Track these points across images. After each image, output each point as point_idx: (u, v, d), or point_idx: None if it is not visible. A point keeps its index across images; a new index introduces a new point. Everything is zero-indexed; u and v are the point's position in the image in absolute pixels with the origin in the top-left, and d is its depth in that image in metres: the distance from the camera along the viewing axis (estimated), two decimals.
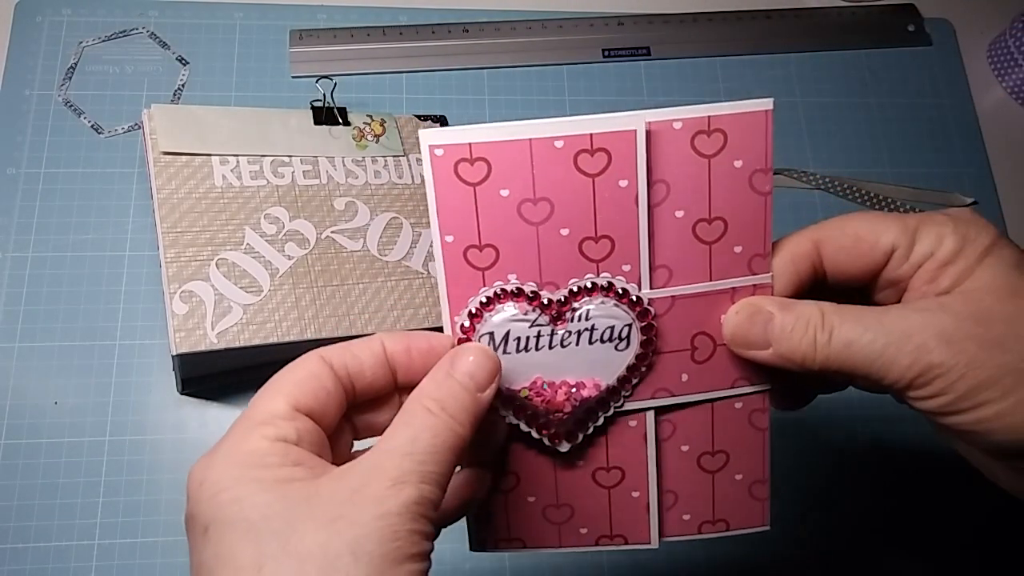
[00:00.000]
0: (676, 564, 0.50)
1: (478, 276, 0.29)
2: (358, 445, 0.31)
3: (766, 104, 0.28)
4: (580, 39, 0.64)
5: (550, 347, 0.29)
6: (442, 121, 0.58)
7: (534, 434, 0.30)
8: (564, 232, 0.29)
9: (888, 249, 0.29)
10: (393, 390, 0.30)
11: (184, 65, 0.59)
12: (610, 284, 0.29)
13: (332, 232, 0.52)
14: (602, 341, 0.30)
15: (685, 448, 0.32)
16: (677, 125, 0.28)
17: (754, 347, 0.30)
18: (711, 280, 0.30)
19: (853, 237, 0.30)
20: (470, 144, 0.28)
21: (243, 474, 0.24)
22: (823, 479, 0.53)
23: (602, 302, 0.29)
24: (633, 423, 0.31)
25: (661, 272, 0.30)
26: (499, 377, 0.28)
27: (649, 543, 0.33)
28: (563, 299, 0.29)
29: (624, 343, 0.30)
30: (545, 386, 0.30)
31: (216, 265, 0.48)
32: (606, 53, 0.64)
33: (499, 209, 0.28)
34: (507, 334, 0.29)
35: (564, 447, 0.31)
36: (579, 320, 0.29)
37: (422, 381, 0.28)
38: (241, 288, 0.48)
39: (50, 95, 0.57)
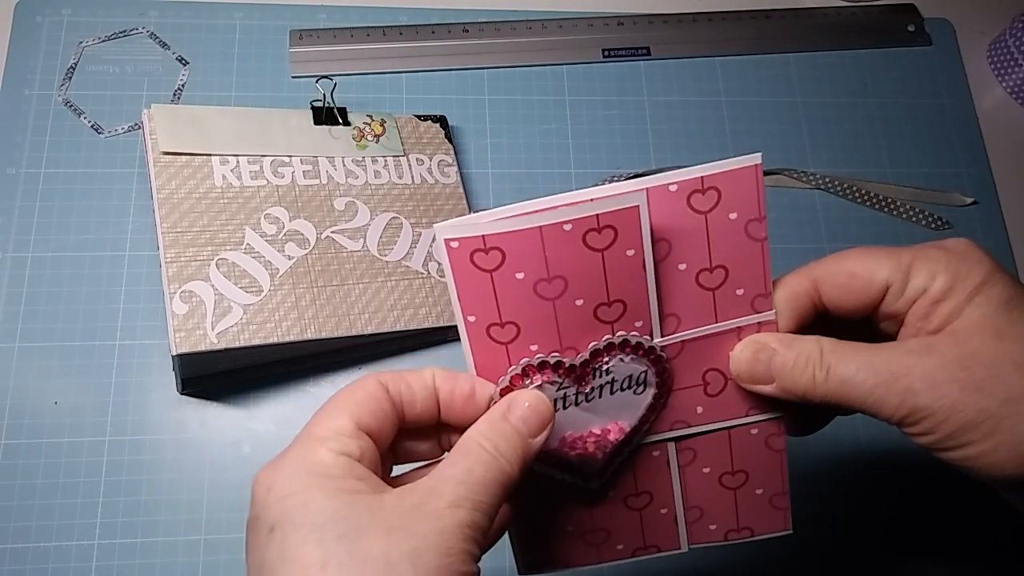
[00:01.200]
0: (675, 564, 0.50)
1: (502, 350, 0.30)
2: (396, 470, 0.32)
3: (755, 159, 0.30)
4: (580, 39, 0.64)
5: (576, 404, 0.31)
6: (442, 121, 0.58)
7: (568, 479, 0.32)
8: (579, 303, 0.30)
9: (883, 286, 0.30)
10: (436, 423, 0.31)
11: (184, 65, 0.59)
12: (624, 341, 0.31)
13: (332, 232, 0.52)
14: (623, 389, 0.31)
15: (706, 470, 0.34)
16: (673, 188, 0.30)
17: (759, 382, 0.32)
18: (716, 321, 0.32)
19: (848, 275, 0.31)
20: (483, 236, 0.29)
21: (311, 481, 0.26)
22: (827, 482, 0.53)
23: (620, 358, 0.31)
24: (656, 453, 0.33)
25: (671, 320, 0.32)
26: (552, 426, 0.30)
27: (679, 548, 0.35)
28: (584, 361, 0.31)
29: (642, 387, 0.32)
30: (576, 441, 0.32)
31: (216, 265, 0.48)
32: (606, 53, 0.64)
33: (516, 290, 0.30)
34: None
35: (595, 484, 0.33)
36: (599, 379, 0.31)
37: (479, 420, 0.29)
38: (241, 288, 0.48)
39: (50, 95, 0.57)
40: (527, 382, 0.30)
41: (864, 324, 0.32)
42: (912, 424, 0.29)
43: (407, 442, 0.31)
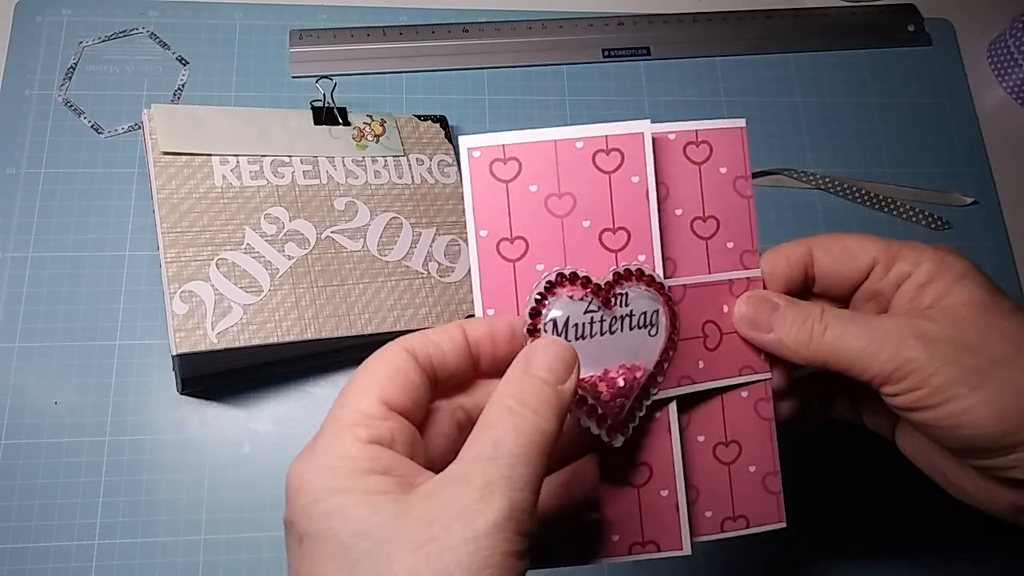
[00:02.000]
0: (674, 563, 0.50)
1: (509, 267, 0.31)
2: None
3: (740, 123, 0.34)
4: (580, 39, 0.64)
5: (601, 333, 0.31)
6: (442, 121, 0.58)
7: (594, 428, 0.31)
8: (586, 224, 0.32)
9: (870, 262, 0.33)
10: (474, 377, 0.30)
11: (184, 65, 0.59)
12: (640, 271, 0.32)
13: (332, 232, 0.52)
14: (639, 327, 0.31)
15: (701, 439, 0.34)
16: (672, 136, 0.34)
17: (758, 329, 0.33)
18: (710, 272, 0.34)
19: (842, 247, 0.34)
20: (504, 145, 0.31)
21: (335, 482, 0.24)
22: (818, 478, 0.53)
23: (638, 288, 0.32)
24: (658, 415, 0.33)
25: (669, 264, 0.33)
26: (578, 367, 0.28)
27: (681, 549, 0.33)
28: (608, 284, 0.31)
29: (655, 328, 0.32)
30: (606, 374, 0.31)
31: (216, 265, 0.48)
32: (606, 53, 0.64)
33: (529, 203, 0.31)
34: (567, 321, 0.30)
35: (619, 441, 0.32)
36: (622, 306, 0.31)
37: (500, 381, 0.27)
38: (241, 288, 0.48)
39: (50, 95, 0.57)
40: (558, 291, 0.30)
41: (844, 305, 0.35)
42: (899, 380, 0.30)
43: (454, 398, 0.30)
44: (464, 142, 0.31)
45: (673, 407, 0.33)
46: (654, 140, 0.33)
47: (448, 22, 0.63)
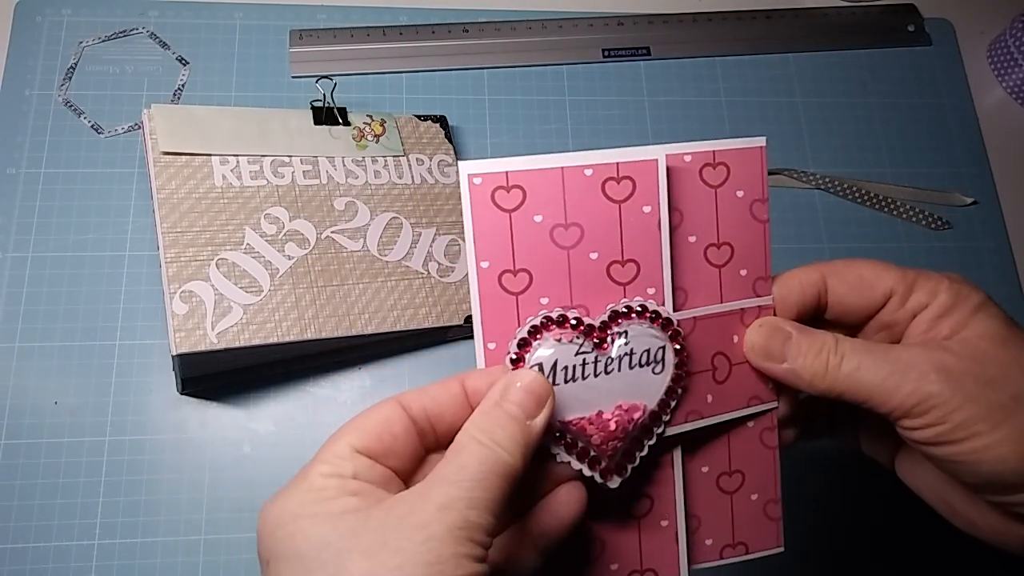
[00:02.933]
0: None
1: (511, 301, 0.30)
2: None
3: (760, 141, 0.32)
4: (580, 39, 0.64)
5: (595, 375, 0.30)
6: (442, 121, 0.58)
7: (586, 471, 0.30)
8: (593, 256, 0.30)
9: (887, 292, 0.32)
10: None
11: (184, 65, 0.59)
12: (643, 307, 0.31)
13: (332, 232, 0.52)
14: (640, 365, 0.30)
15: (705, 469, 0.34)
16: (687, 158, 0.31)
17: (771, 360, 0.32)
18: (722, 302, 0.32)
19: (857, 276, 0.33)
20: (507, 172, 0.29)
21: (301, 510, 0.25)
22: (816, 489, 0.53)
23: (638, 326, 0.30)
24: (663, 450, 0.32)
25: (679, 294, 0.32)
26: (551, 403, 0.29)
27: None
28: (603, 323, 0.30)
29: (660, 366, 0.31)
30: (596, 418, 0.30)
31: (216, 265, 0.48)
32: (606, 53, 0.64)
33: (533, 234, 0.30)
34: (555, 364, 0.29)
35: (615, 482, 0.31)
36: (619, 346, 0.30)
37: (473, 413, 0.28)
38: (241, 288, 0.48)
39: (50, 95, 0.57)
40: (538, 345, 0.29)
41: (855, 333, 0.34)
42: (920, 415, 0.29)
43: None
44: (464, 168, 0.29)
45: (678, 443, 0.33)
46: (669, 162, 0.31)
47: (448, 22, 0.63)
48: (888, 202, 0.61)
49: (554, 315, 0.30)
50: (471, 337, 0.54)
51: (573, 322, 0.30)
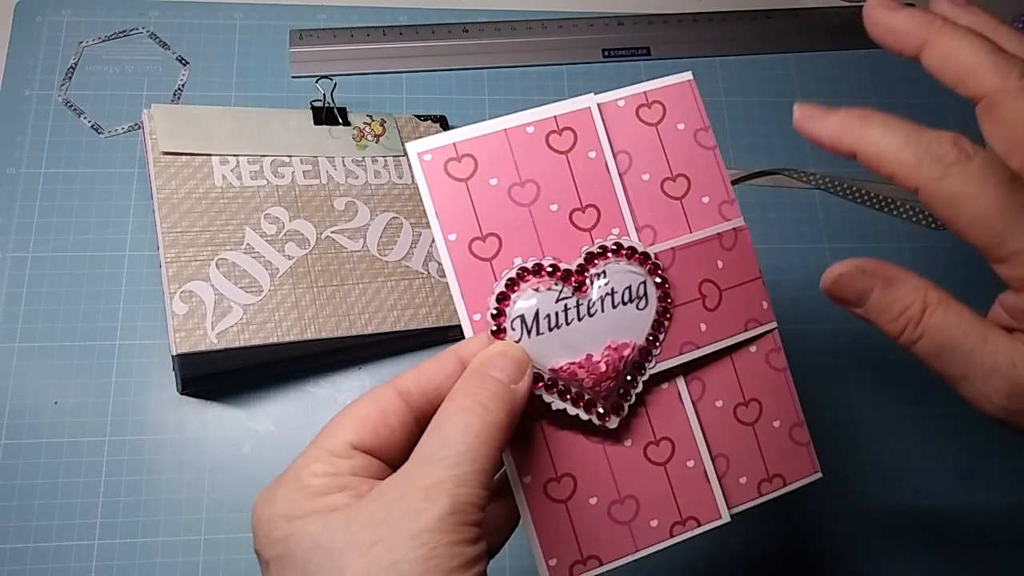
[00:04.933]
0: (676, 561, 0.50)
1: (486, 267, 0.30)
2: None
3: (687, 76, 0.34)
4: (580, 39, 0.64)
5: (579, 318, 0.30)
6: (442, 121, 0.58)
7: (583, 414, 0.30)
8: (554, 208, 0.31)
9: None
10: None
11: (184, 65, 0.59)
12: (618, 245, 0.31)
13: (332, 232, 0.52)
14: (624, 303, 0.31)
15: (719, 404, 0.33)
16: (621, 103, 0.33)
17: (848, 304, 0.29)
18: (691, 231, 0.33)
19: None
20: (454, 143, 0.31)
21: (293, 510, 0.25)
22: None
23: (615, 263, 0.31)
24: (665, 386, 0.32)
25: (647, 232, 0.32)
26: (531, 367, 0.29)
27: (720, 518, 0.32)
28: (580, 266, 0.31)
29: (643, 301, 0.31)
30: (586, 360, 0.30)
31: (216, 265, 0.48)
32: (606, 53, 0.64)
33: (492, 197, 0.31)
34: (536, 313, 0.30)
35: (613, 422, 0.31)
36: (599, 287, 0.30)
37: (453, 387, 0.28)
38: (241, 288, 0.48)
39: (50, 95, 0.57)
40: (517, 297, 0.30)
41: None
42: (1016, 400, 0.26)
43: None
44: (412, 147, 0.30)
45: (680, 378, 0.32)
46: (604, 110, 0.32)
47: (448, 22, 0.63)
48: (888, 202, 0.61)
49: (529, 265, 0.30)
50: None
51: (549, 269, 0.30)
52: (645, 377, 0.31)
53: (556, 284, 0.30)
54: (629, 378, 0.31)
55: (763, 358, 0.34)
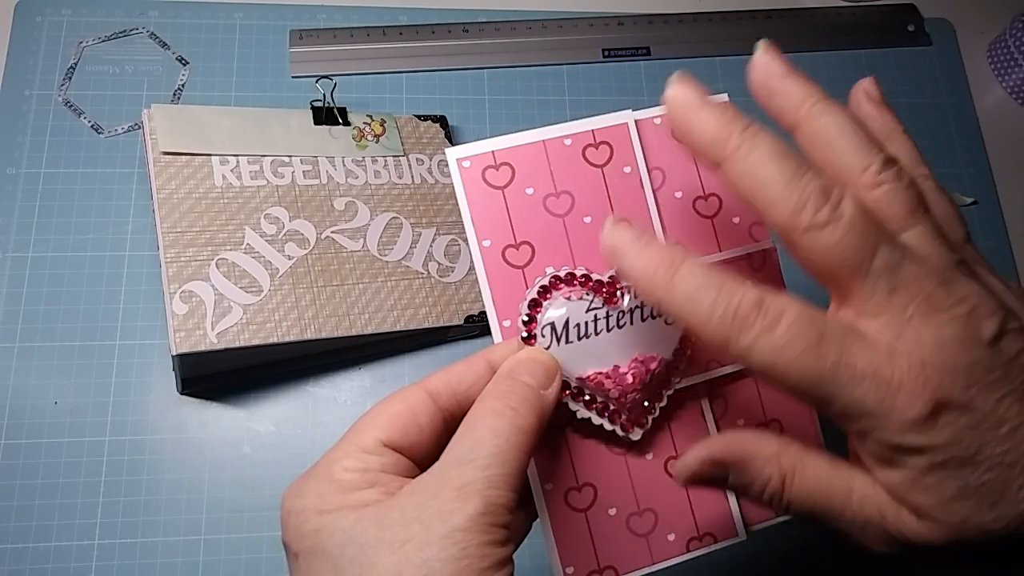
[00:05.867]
0: None
1: (518, 274, 0.31)
2: None
3: (723, 97, 0.33)
4: (580, 39, 0.64)
5: (608, 329, 0.30)
6: (442, 121, 0.58)
7: (607, 425, 0.30)
8: (587, 220, 0.32)
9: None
10: None
11: (184, 65, 0.59)
12: None
13: (332, 232, 0.52)
14: (653, 317, 0.31)
15: (740, 423, 0.33)
16: (657, 120, 0.33)
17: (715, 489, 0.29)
18: (720, 250, 0.33)
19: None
20: (493, 152, 0.31)
21: (324, 504, 0.25)
22: None
23: None
24: (689, 402, 0.33)
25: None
26: (560, 375, 0.29)
27: (737, 535, 0.32)
28: (611, 278, 0.31)
29: (670, 317, 0.31)
30: (614, 372, 0.30)
31: (216, 265, 0.48)
32: (606, 53, 0.64)
33: (527, 206, 0.31)
34: (567, 322, 0.30)
35: (637, 434, 0.31)
36: (629, 299, 0.30)
37: (483, 390, 0.28)
38: (241, 288, 0.48)
39: (50, 95, 0.57)
40: (548, 305, 0.30)
41: None
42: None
43: None
44: (451, 153, 0.30)
45: (704, 393, 0.33)
46: (640, 127, 0.33)
47: (448, 22, 0.63)
48: None
49: (562, 273, 0.30)
50: (471, 337, 0.55)
51: (581, 279, 0.30)
52: (670, 392, 0.31)
53: (588, 294, 0.30)
54: (655, 392, 0.31)
55: None
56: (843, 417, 0.24)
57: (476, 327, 0.53)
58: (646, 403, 0.31)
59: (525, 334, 0.30)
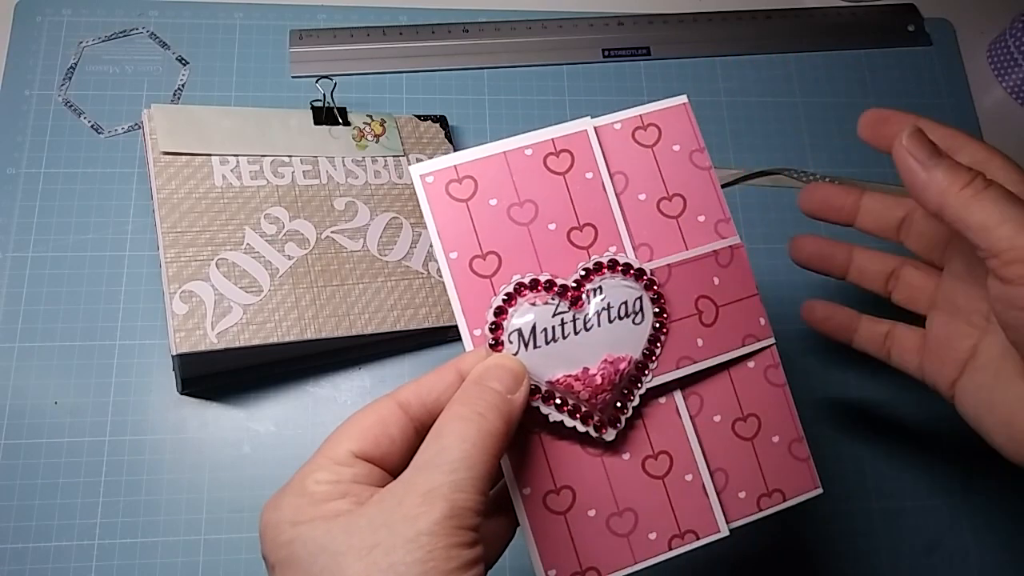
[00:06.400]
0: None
1: (486, 284, 0.31)
2: None
3: (682, 99, 0.35)
4: (580, 39, 0.64)
5: (575, 332, 0.31)
6: (442, 121, 0.58)
7: (580, 427, 0.31)
8: (552, 227, 0.32)
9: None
10: None
11: (184, 65, 0.59)
12: (613, 261, 0.32)
13: (332, 232, 0.52)
14: (620, 318, 0.31)
15: (717, 419, 0.34)
16: (617, 126, 0.34)
17: (918, 163, 0.32)
18: (687, 248, 0.34)
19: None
20: (455, 166, 0.32)
21: (298, 516, 0.26)
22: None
23: (611, 279, 0.32)
24: (663, 400, 0.33)
25: (643, 250, 0.33)
26: (527, 379, 0.30)
27: (719, 531, 0.33)
28: (576, 282, 0.31)
29: (639, 316, 0.32)
30: (583, 373, 0.31)
31: (216, 265, 0.48)
32: (606, 53, 0.64)
33: (492, 217, 0.32)
34: (534, 328, 0.30)
35: (611, 435, 0.31)
36: (596, 302, 0.31)
37: (452, 399, 0.29)
38: (241, 288, 0.48)
39: (50, 95, 0.57)
40: (514, 311, 0.30)
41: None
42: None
43: None
44: (415, 170, 0.31)
45: (678, 392, 0.33)
46: (601, 133, 0.33)
47: (448, 22, 0.63)
48: None
49: (526, 280, 0.31)
50: None
51: (546, 284, 0.31)
52: (642, 391, 0.32)
53: (553, 299, 0.31)
54: (626, 391, 0.32)
55: (761, 374, 0.34)
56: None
57: None
58: (618, 404, 0.31)
59: (492, 341, 0.30)
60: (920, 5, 0.68)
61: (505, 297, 0.31)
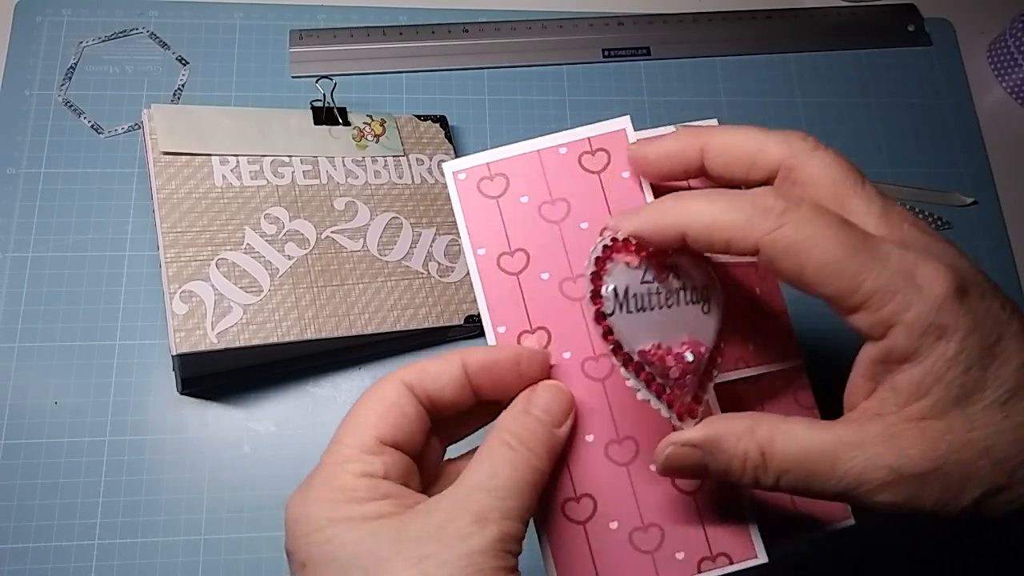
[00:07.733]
0: None
1: (513, 280, 0.31)
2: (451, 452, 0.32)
3: (712, 122, 0.33)
4: (580, 39, 0.64)
5: (659, 306, 0.28)
6: (442, 121, 0.58)
7: (664, 411, 0.28)
8: (584, 226, 0.31)
9: (773, 168, 0.30)
10: (474, 403, 0.30)
11: (184, 65, 0.59)
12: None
13: (332, 232, 0.52)
14: (693, 302, 0.29)
15: None
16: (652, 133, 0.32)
17: (695, 478, 0.30)
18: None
19: (737, 149, 0.30)
20: (488, 163, 0.32)
21: (334, 512, 0.26)
22: None
23: (688, 257, 0.29)
24: (700, 408, 0.30)
25: None
26: (574, 413, 0.29)
27: (756, 558, 0.29)
28: (659, 251, 0.29)
29: (707, 305, 0.29)
30: (671, 347, 0.28)
31: (216, 265, 0.48)
32: (606, 53, 0.64)
33: (522, 214, 0.31)
34: (627, 290, 0.28)
35: (689, 424, 0.28)
36: (675, 278, 0.29)
37: (501, 415, 0.29)
38: (241, 288, 0.48)
39: (50, 95, 0.57)
40: (615, 258, 0.28)
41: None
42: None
43: (450, 427, 0.31)
44: (448, 167, 0.31)
45: (713, 398, 0.30)
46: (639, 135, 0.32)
47: (448, 22, 0.63)
48: None
49: (620, 237, 0.28)
50: (471, 337, 0.55)
51: (636, 247, 0.28)
52: (712, 384, 0.29)
53: (643, 263, 0.28)
54: (703, 382, 0.29)
55: (792, 396, 0.34)
56: (873, 298, 0.24)
57: (476, 327, 0.53)
58: (693, 396, 0.29)
59: (594, 292, 0.28)
60: (920, 5, 0.68)
61: (604, 247, 0.28)
